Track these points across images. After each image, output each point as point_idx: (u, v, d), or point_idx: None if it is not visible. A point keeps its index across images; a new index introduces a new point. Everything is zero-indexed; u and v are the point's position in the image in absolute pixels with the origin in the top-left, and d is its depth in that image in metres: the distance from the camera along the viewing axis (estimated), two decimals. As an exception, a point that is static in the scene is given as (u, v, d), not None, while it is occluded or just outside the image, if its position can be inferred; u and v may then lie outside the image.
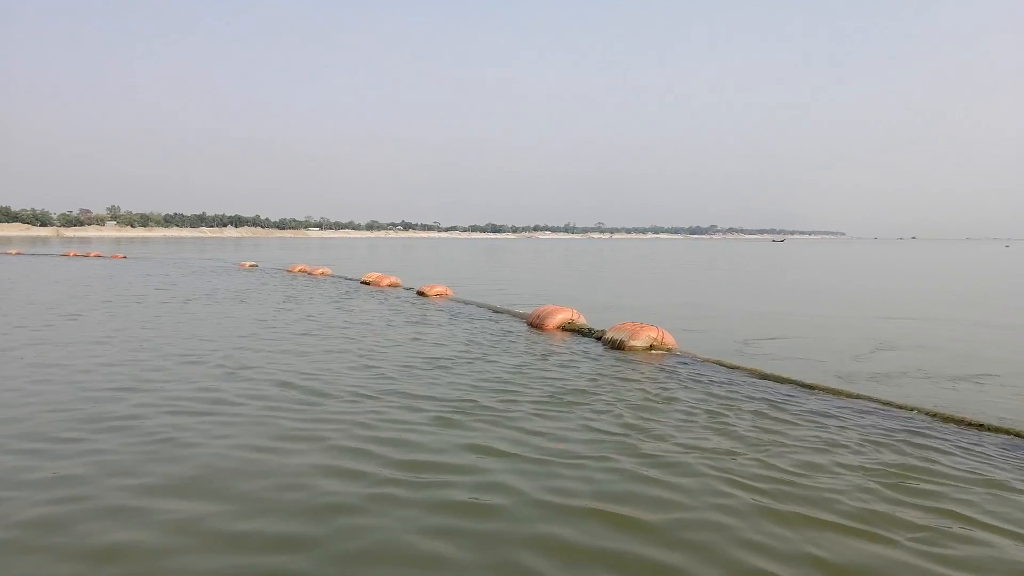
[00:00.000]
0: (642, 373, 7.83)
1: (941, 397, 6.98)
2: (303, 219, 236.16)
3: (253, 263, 31.64)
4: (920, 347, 10.37)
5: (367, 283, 20.67)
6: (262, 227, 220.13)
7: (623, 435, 5.32)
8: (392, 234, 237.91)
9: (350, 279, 22.59)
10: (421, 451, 4.88)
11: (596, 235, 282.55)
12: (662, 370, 8.03)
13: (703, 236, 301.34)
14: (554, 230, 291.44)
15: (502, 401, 6.33)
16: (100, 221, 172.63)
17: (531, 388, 6.89)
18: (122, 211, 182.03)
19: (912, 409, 6.22)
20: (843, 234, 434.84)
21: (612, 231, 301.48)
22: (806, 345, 10.44)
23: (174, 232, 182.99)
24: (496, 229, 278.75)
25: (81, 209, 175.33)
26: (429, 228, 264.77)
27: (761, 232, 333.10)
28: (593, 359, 8.70)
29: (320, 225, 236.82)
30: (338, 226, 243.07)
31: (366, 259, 46.23)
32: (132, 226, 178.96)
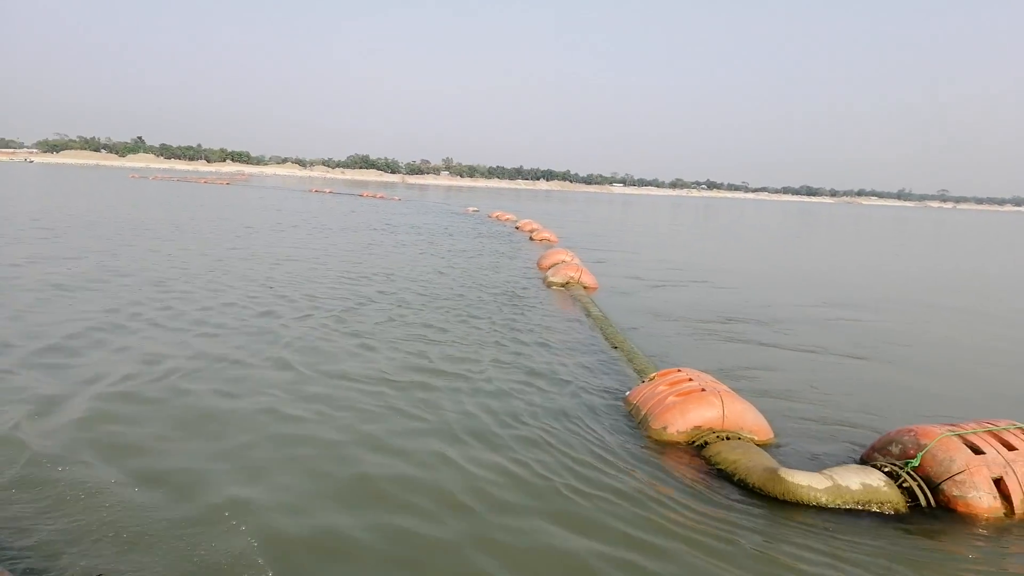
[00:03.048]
0: (513, 296, 9.97)
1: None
2: (609, 175, 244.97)
3: (475, 208, 37.26)
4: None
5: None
6: (571, 181, 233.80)
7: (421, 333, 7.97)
8: (695, 193, 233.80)
9: (512, 222, 26.07)
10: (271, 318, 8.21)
11: (935, 204, 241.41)
12: (535, 299, 10.05)
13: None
14: (882, 195, 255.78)
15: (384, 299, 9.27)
16: (436, 171, 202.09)
17: (416, 295, 9.67)
18: (454, 163, 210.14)
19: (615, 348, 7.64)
20: None
21: (957, 200, 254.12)
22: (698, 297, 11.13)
23: (494, 183, 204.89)
24: (811, 192, 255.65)
25: (422, 160, 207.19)
26: (736, 188, 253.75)
27: None
28: (517, 287, 10.90)
29: (624, 181, 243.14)
30: (641, 183, 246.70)
31: (627, 222, 48.98)
32: (461, 176, 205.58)
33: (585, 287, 11.25)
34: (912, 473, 3.95)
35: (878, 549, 3.48)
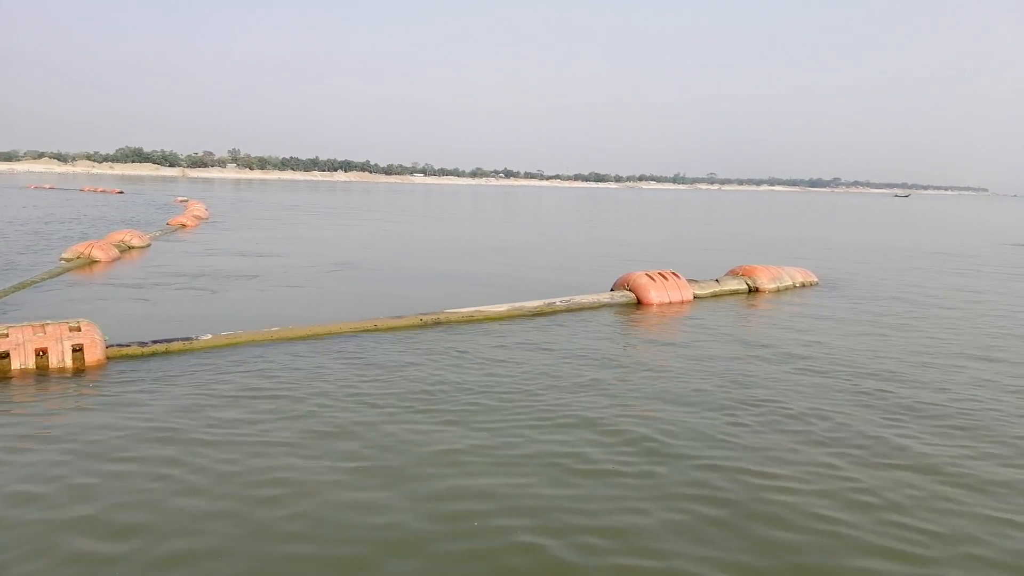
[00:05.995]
0: None
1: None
2: (410, 165, 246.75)
3: (184, 199, 37.40)
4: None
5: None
6: (370, 172, 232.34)
7: None
8: (493, 182, 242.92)
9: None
10: None
11: (705, 186, 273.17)
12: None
13: (824, 189, 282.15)
14: (660, 180, 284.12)
15: None
16: (222, 163, 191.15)
17: None
18: (242, 154, 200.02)
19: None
20: (986, 190, 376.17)
21: (723, 182, 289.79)
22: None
23: (288, 175, 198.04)
24: (599, 178, 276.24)
25: (205, 151, 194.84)
26: (532, 176, 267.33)
27: (890, 186, 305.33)
28: (23, 263, 12.23)
29: (424, 171, 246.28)
30: (443, 172, 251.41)
31: (415, 204, 50.64)
32: (251, 168, 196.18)
33: (93, 260, 12.95)
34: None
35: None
